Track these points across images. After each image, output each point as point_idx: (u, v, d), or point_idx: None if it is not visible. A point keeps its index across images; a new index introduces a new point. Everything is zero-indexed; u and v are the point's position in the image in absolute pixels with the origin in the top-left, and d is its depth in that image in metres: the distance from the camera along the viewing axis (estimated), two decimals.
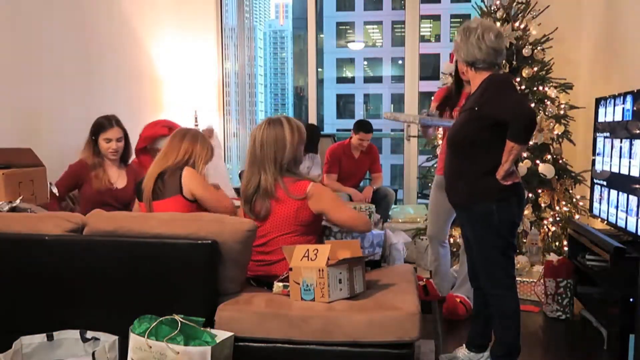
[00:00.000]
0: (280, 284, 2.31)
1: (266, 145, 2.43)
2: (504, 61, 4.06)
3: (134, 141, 3.46)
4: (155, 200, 2.62)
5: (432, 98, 3.43)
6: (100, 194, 3.13)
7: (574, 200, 4.07)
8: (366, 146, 4.71)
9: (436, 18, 29.87)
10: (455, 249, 4.01)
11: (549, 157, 4.03)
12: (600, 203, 3.39)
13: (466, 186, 2.44)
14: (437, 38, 30.12)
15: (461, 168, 2.45)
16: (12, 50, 3.26)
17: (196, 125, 5.09)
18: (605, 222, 3.30)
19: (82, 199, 3.19)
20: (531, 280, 3.65)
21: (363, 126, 4.69)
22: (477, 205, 2.41)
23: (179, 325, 1.97)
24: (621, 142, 3.06)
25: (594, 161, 3.50)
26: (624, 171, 3.01)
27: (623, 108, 3.08)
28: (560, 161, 4.09)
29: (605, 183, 3.31)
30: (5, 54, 3.20)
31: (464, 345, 2.74)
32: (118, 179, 3.23)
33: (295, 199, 2.40)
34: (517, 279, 3.65)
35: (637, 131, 2.87)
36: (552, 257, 3.48)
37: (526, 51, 4.06)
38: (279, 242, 2.42)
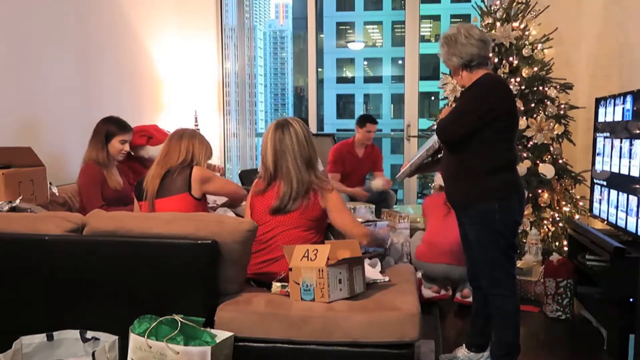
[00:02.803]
0: (279, 283, 2.32)
1: (295, 144, 2.48)
2: (504, 61, 4.07)
3: None
4: (160, 198, 2.63)
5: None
6: (116, 192, 3.18)
7: (574, 200, 4.07)
8: (372, 138, 4.78)
9: (436, 18, 29.87)
10: None
11: (549, 157, 4.03)
12: (600, 203, 3.39)
13: (466, 185, 2.44)
14: (437, 38, 30.07)
15: (460, 167, 2.45)
16: (13, 50, 3.26)
17: (196, 125, 5.09)
18: (605, 222, 3.30)
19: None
20: (531, 280, 3.65)
21: (368, 118, 4.75)
22: (478, 204, 2.41)
23: (179, 325, 1.97)
24: (621, 142, 3.06)
25: (594, 161, 3.50)
26: (624, 171, 3.01)
27: (623, 108, 3.08)
28: (560, 161, 4.09)
29: (605, 183, 3.31)
30: (5, 54, 3.20)
31: (464, 345, 2.74)
32: (119, 178, 3.28)
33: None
34: (518, 278, 3.67)
35: (637, 131, 2.87)
36: (553, 257, 3.48)
37: (526, 51, 4.06)
38: (285, 236, 2.43)
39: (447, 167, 2.53)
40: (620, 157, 3.08)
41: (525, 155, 3.96)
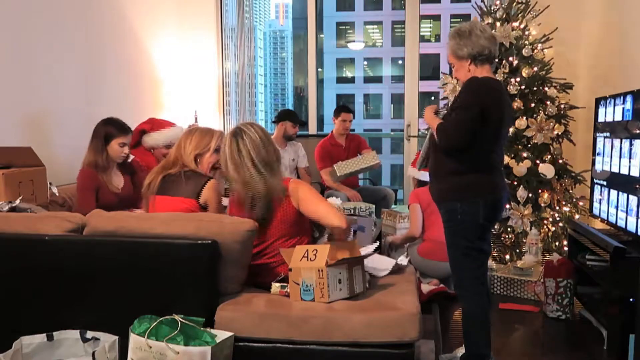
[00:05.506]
0: (278, 284, 2.31)
1: (252, 151, 2.40)
2: (504, 61, 4.07)
3: None
4: (164, 194, 2.60)
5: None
6: (115, 195, 3.14)
7: (574, 200, 4.07)
8: (349, 128, 4.82)
9: (436, 18, 29.86)
10: None
11: (549, 157, 4.02)
12: (600, 203, 3.39)
13: (438, 183, 2.50)
14: (437, 38, 30.10)
15: (437, 165, 2.51)
16: (13, 50, 3.26)
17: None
18: (605, 222, 3.30)
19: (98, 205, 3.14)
20: (531, 280, 3.65)
21: (342, 107, 4.86)
22: (445, 202, 2.46)
23: (179, 325, 1.97)
24: (621, 142, 3.06)
25: (594, 161, 3.50)
26: (624, 171, 3.01)
27: (623, 108, 3.08)
28: (560, 161, 4.08)
29: (605, 183, 3.31)
30: (5, 53, 3.20)
31: (464, 345, 2.74)
32: (119, 181, 3.24)
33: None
34: (518, 278, 3.67)
35: (637, 131, 2.87)
36: (553, 257, 3.48)
37: (526, 51, 4.06)
38: (275, 248, 2.40)
39: (430, 164, 2.58)
40: (620, 157, 3.07)
41: (525, 155, 3.95)
